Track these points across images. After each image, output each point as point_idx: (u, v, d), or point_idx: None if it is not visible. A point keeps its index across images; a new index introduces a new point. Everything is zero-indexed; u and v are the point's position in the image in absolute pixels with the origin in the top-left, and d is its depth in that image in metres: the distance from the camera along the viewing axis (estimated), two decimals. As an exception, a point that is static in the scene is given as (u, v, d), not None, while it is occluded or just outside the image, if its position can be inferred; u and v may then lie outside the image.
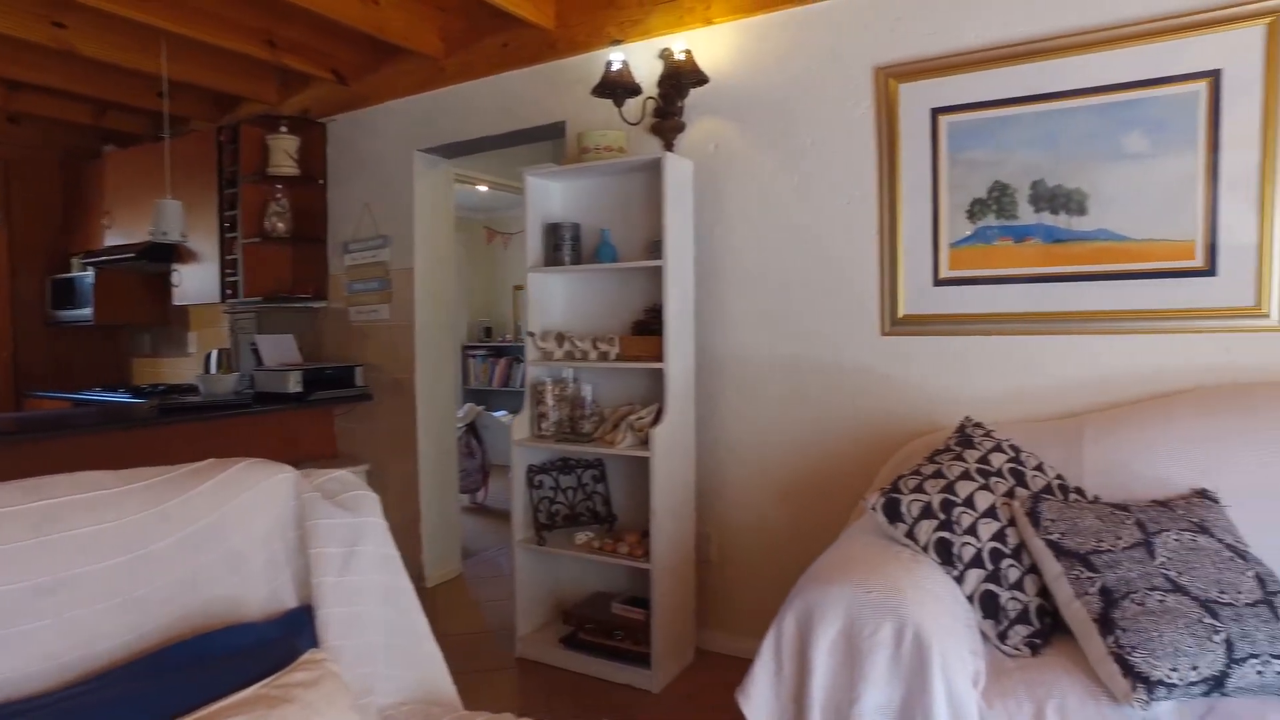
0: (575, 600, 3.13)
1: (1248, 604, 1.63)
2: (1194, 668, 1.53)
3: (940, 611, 1.71)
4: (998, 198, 2.50)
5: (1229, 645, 1.55)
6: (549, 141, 3.58)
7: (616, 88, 2.89)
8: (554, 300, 3.22)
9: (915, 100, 2.62)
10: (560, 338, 3.04)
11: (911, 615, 1.63)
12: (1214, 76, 2.23)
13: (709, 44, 2.99)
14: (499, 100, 3.51)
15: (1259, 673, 1.53)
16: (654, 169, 2.86)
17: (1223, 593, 1.65)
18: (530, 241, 3.09)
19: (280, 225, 4.01)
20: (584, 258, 3.10)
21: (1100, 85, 2.37)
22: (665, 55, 2.97)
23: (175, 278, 4.45)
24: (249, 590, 1.24)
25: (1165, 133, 2.29)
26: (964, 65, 2.54)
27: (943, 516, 1.91)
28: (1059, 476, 2.12)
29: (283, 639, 1.13)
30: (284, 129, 3.96)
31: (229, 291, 4.13)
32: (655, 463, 2.72)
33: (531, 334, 3.08)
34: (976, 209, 2.54)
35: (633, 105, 3.03)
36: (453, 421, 4.22)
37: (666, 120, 3.01)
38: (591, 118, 3.20)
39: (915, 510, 1.93)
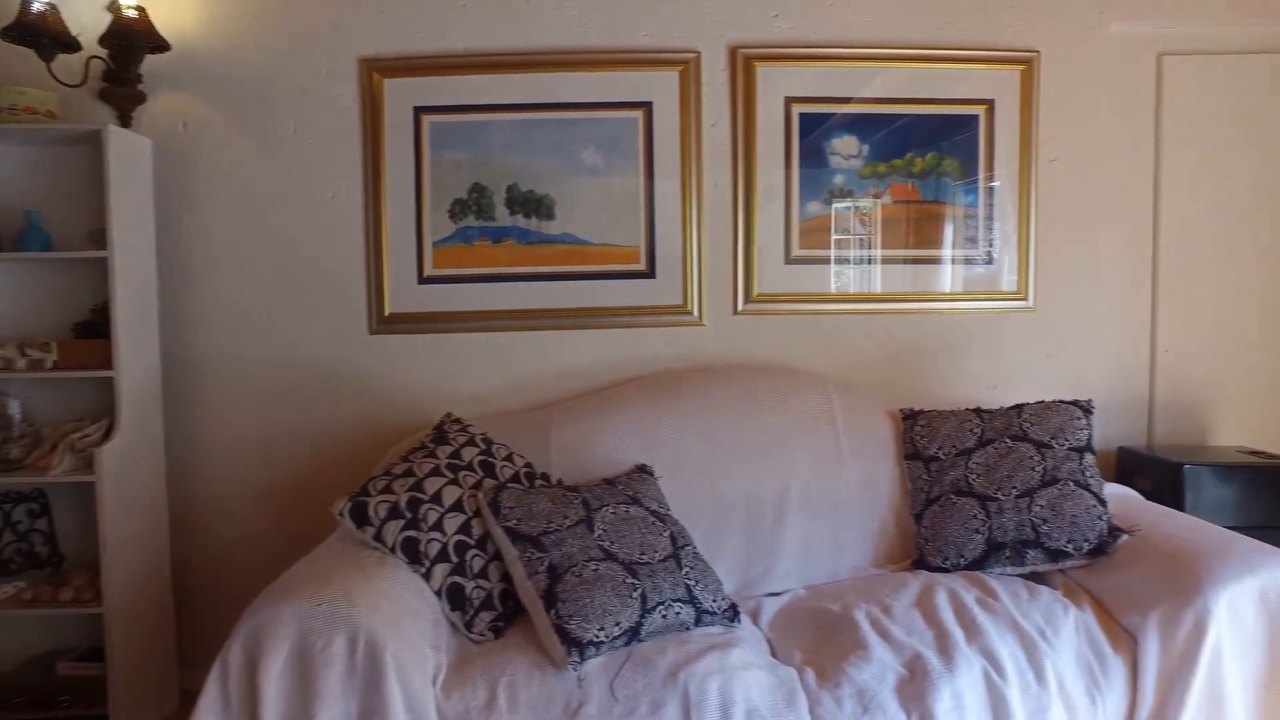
0: (6, 671, 2.53)
1: (660, 560, 1.91)
2: (617, 624, 1.74)
3: (398, 612, 1.70)
4: (477, 199, 2.61)
5: (644, 598, 1.80)
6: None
7: (40, 35, 2.37)
8: (-37, 296, 2.56)
9: (399, 97, 2.60)
10: (-27, 343, 2.43)
11: (364, 623, 1.59)
12: (647, 108, 2.59)
13: (173, 5, 2.62)
14: None
15: (663, 616, 1.81)
16: (97, 142, 2.42)
17: (643, 554, 1.91)
18: (-78, 221, 2.41)
19: None
20: (5, 244, 2.51)
21: (565, 102, 2.61)
22: (114, 9, 2.53)
23: None
24: None
25: (614, 153, 2.60)
26: (447, 68, 2.60)
27: (409, 515, 1.91)
28: (528, 465, 2.27)
29: None
30: None
31: None
32: (104, 486, 2.31)
33: (-72, 339, 2.41)
34: (458, 209, 2.62)
35: (73, 63, 2.52)
36: None
37: (120, 87, 2.56)
38: (18, 70, 2.59)
39: (382, 512, 1.90)
